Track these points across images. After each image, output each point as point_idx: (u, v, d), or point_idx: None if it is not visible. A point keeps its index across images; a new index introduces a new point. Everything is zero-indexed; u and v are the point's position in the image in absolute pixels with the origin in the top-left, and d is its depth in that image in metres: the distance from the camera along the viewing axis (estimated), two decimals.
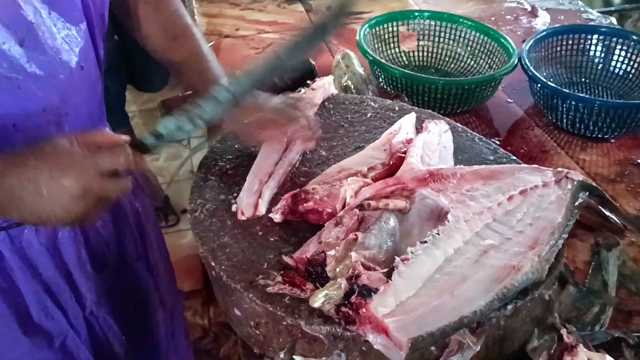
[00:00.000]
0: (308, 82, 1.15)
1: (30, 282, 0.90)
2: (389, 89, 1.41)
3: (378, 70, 1.42)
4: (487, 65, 1.48)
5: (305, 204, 0.86)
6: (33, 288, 0.90)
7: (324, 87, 1.16)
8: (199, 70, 0.99)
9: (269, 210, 0.89)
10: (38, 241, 0.88)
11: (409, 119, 1.07)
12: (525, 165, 0.95)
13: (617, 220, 1.04)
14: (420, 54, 1.57)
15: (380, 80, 1.43)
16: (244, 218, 0.88)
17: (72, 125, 0.85)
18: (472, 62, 1.52)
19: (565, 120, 1.32)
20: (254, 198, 0.90)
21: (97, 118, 0.95)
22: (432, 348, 0.73)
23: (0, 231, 0.84)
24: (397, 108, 1.15)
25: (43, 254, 0.90)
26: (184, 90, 1.06)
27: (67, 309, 0.95)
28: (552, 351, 0.79)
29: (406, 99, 1.33)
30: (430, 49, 1.57)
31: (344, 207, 0.85)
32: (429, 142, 1.00)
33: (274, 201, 0.91)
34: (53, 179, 0.66)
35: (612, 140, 1.32)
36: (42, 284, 0.91)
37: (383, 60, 1.43)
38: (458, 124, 1.11)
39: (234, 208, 0.90)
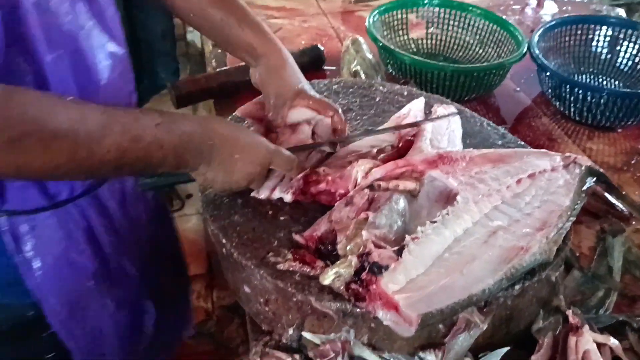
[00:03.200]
0: None
1: (111, 240, 0.95)
2: (398, 75, 1.42)
3: (387, 56, 1.42)
4: (496, 54, 1.48)
5: (317, 186, 0.86)
6: (113, 245, 0.96)
7: None
8: (235, 35, 0.98)
9: None
10: (112, 198, 0.95)
11: (418, 103, 1.07)
12: (534, 149, 0.96)
13: (623, 208, 1.05)
14: (429, 41, 1.57)
15: (389, 67, 1.44)
16: (260, 197, 0.89)
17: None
18: (481, 51, 1.52)
19: (573, 109, 1.32)
20: (275, 182, 0.90)
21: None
22: (440, 326, 0.74)
23: (85, 195, 0.90)
24: (405, 93, 1.16)
25: (116, 206, 0.96)
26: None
27: (135, 261, 1.01)
28: (557, 332, 0.80)
29: (415, 86, 1.34)
30: (439, 37, 1.57)
31: (355, 187, 0.86)
32: (438, 126, 1.00)
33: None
34: (246, 149, 0.80)
35: (619, 130, 1.32)
36: (118, 238, 0.97)
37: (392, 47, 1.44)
38: (466, 109, 1.11)
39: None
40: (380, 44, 1.39)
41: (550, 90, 1.36)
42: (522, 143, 1.02)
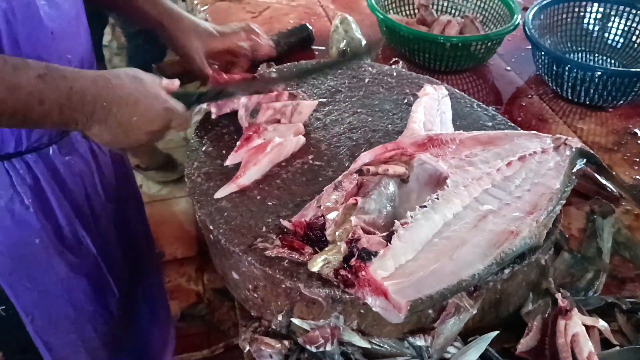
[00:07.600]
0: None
1: (62, 205, 0.93)
2: (396, 49, 1.42)
3: (385, 29, 1.41)
4: (494, 27, 1.47)
5: None
6: (65, 210, 0.94)
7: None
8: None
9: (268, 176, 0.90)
10: (64, 163, 0.92)
11: None
12: (524, 131, 0.95)
13: (613, 189, 1.04)
14: None
15: (386, 39, 1.43)
16: None
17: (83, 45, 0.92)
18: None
19: (566, 88, 1.31)
20: None
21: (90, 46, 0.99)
22: (430, 311, 0.74)
23: (32, 152, 0.87)
24: (395, 73, 1.14)
25: (70, 175, 0.94)
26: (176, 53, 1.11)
27: (93, 236, 0.98)
28: (546, 315, 0.80)
29: (405, 66, 1.32)
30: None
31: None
32: (429, 107, 0.99)
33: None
34: (145, 113, 0.79)
35: (610, 110, 1.31)
36: (72, 206, 0.94)
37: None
38: (456, 90, 1.10)
39: None
40: (380, 15, 1.38)
41: (544, 69, 1.34)
42: (512, 124, 1.01)
